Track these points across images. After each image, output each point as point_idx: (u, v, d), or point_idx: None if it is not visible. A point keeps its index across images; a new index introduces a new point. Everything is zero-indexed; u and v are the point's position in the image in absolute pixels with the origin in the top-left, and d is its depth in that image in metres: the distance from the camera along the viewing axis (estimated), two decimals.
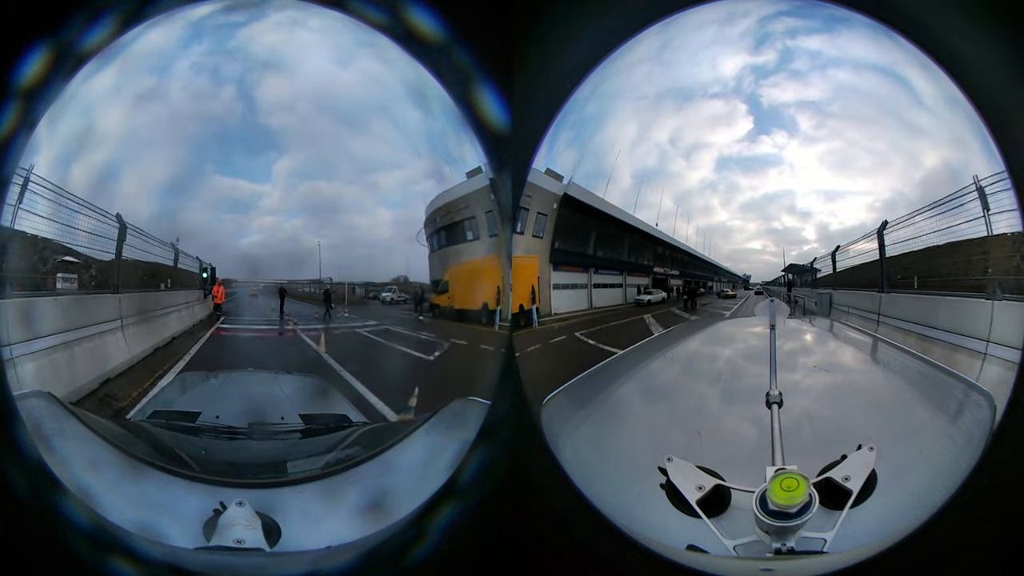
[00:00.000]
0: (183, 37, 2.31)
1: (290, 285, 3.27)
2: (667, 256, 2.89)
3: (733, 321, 3.57)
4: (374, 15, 2.08)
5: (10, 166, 2.02)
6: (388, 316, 3.20)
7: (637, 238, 2.76)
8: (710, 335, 3.44)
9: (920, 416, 2.31)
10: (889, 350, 2.96)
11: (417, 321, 3.08)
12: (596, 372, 2.76)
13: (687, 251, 2.85)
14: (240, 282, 3.24)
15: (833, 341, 3.26)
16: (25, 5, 1.82)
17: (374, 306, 3.27)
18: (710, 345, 3.31)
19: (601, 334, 3.05)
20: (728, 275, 2.97)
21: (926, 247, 2.52)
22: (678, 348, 3.27)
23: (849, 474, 1.77)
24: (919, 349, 2.75)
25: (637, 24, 2.26)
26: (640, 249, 2.86)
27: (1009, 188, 2.11)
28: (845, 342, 3.20)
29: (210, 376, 3.00)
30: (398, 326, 3.13)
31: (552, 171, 2.54)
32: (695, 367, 2.99)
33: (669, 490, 1.86)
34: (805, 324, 3.32)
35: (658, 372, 2.96)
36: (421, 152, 2.45)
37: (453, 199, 2.48)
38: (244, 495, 1.98)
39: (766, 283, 3.02)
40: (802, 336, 3.13)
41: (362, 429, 2.51)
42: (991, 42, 1.89)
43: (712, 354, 3.13)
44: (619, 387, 2.77)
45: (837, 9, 2.28)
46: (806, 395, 2.35)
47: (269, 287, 3.28)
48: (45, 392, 2.30)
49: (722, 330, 3.50)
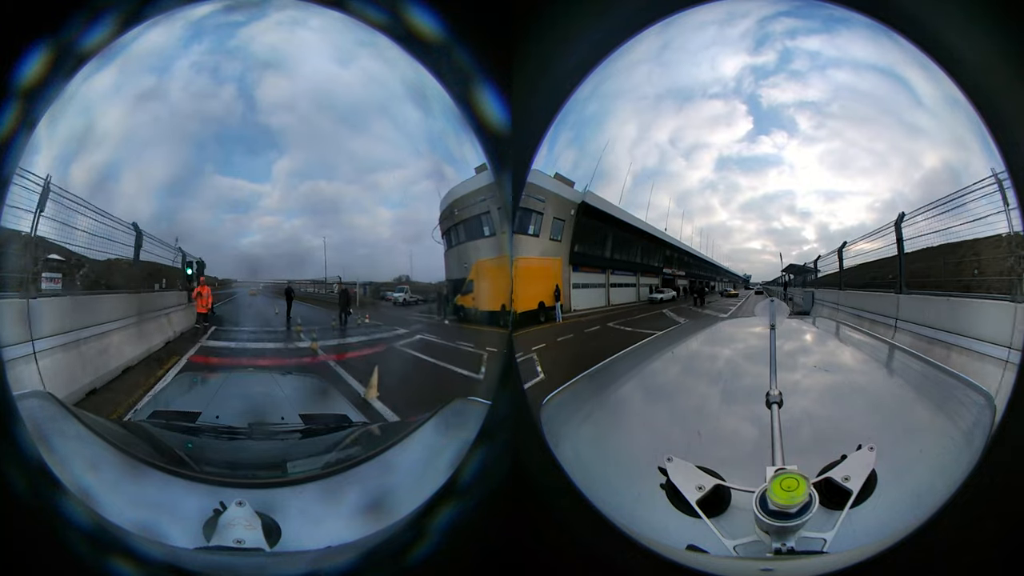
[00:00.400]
0: (183, 37, 2.32)
1: (292, 285, 2.97)
2: (675, 258, 2.95)
3: (732, 321, 3.57)
4: (374, 15, 2.08)
5: (10, 166, 2.02)
6: (410, 321, 2.81)
7: (649, 242, 2.81)
8: (710, 335, 3.45)
9: (920, 416, 2.31)
10: (889, 350, 2.96)
11: (445, 325, 2.75)
12: (595, 372, 2.76)
13: (693, 253, 2.90)
14: (240, 282, 2.83)
15: (833, 340, 3.26)
16: (25, 5, 1.82)
17: (385, 308, 2.90)
18: (710, 345, 3.31)
19: (632, 323, 3.07)
20: (729, 275, 3.01)
21: (927, 247, 2.52)
22: (678, 348, 3.27)
23: (849, 474, 1.77)
24: (920, 349, 2.75)
25: (637, 24, 2.26)
26: (651, 252, 2.91)
27: (1009, 187, 2.12)
28: (845, 342, 3.20)
29: (209, 376, 2.84)
30: (429, 333, 2.74)
31: (562, 176, 2.56)
32: (695, 367, 2.99)
33: (669, 490, 1.86)
34: (805, 324, 3.32)
35: (658, 372, 2.96)
36: (421, 152, 2.45)
37: (470, 191, 2.41)
38: (244, 495, 1.98)
39: (766, 283, 3.06)
40: (802, 336, 3.14)
41: (362, 429, 2.51)
42: (991, 41, 1.89)
43: (712, 354, 3.13)
44: (619, 387, 2.77)
45: (836, 9, 2.28)
46: (806, 395, 2.36)
47: (271, 287, 2.91)
48: (45, 392, 2.30)
49: (722, 330, 3.50)
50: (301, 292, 2.95)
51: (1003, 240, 2.21)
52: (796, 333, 3.09)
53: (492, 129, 2.06)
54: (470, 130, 2.12)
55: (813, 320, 3.07)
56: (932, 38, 2.01)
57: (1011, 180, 2.09)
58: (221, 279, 2.83)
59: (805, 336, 3.14)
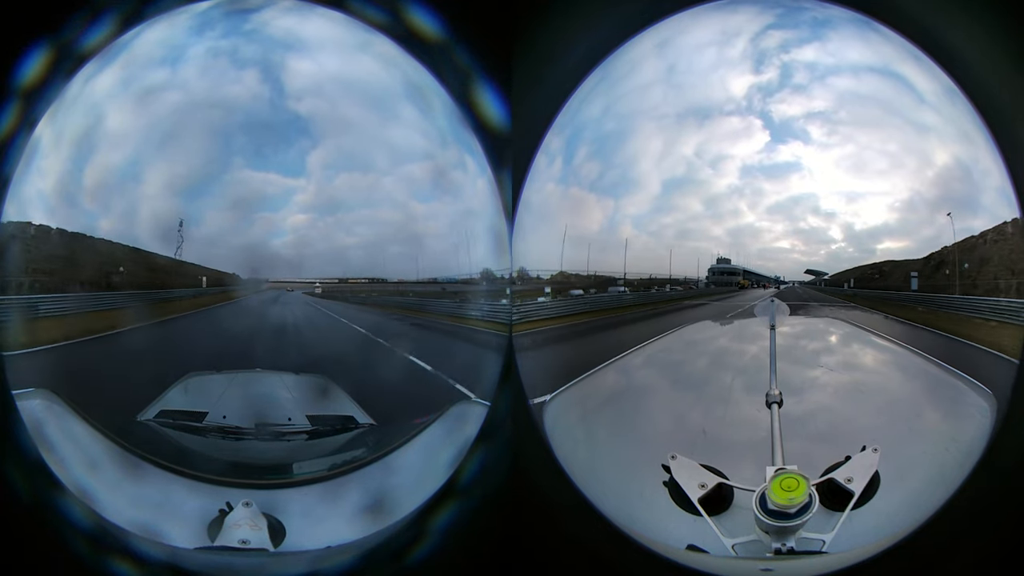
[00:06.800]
0: (183, 36, 2.31)
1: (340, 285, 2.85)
2: (742, 272, 3.40)
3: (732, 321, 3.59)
4: (374, 15, 2.08)
5: (10, 166, 2.02)
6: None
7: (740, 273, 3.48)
8: (710, 335, 3.46)
9: (920, 416, 2.31)
10: (889, 349, 2.96)
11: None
12: (596, 373, 2.76)
13: (752, 271, 3.45)
14: (277, 282, 2.64)
15: (833, 340, 3.26)
16: (25, 5, 1.82)
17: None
18: (709, 345, 3.31)
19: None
20: (767, 279, 3.53)
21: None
22: (678, 347, 3.27)
23: (852, 475, 1.77)
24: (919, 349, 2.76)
25: (636, 25, 2.27)
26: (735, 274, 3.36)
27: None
28: (844, 342, 3.21)
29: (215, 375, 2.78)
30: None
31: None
32: (694, 367, 2.99)
33: (671, 487, 1.86)
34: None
35: (658, 372, 2.96)
36: (421, 151, 2.45)
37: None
38: (245, 495, 1.98)
39: (796, 282, 3.39)
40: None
41: (366, 431, 2.50)
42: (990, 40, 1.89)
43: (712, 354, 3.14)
44: (619, 387, 2.77)
45: (817, 11, 2.37)
46: (810, 394, 2.36)
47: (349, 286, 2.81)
48: (45, 392, 2.30)
49: (722, 329, 3.51)
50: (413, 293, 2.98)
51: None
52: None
53: (492, 129, 2.06)
54: (470, 130, 2.12)
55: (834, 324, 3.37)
56: (921, 29, 2.04)
57: (1011, 180, 2.09)
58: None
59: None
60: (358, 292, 2.98)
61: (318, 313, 2.94)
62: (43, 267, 2.42)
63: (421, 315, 3.04)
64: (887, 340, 2.95)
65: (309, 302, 2.92)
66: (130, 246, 2.41)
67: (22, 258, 2.32)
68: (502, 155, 2.12)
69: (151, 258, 2.50)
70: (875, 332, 3.05)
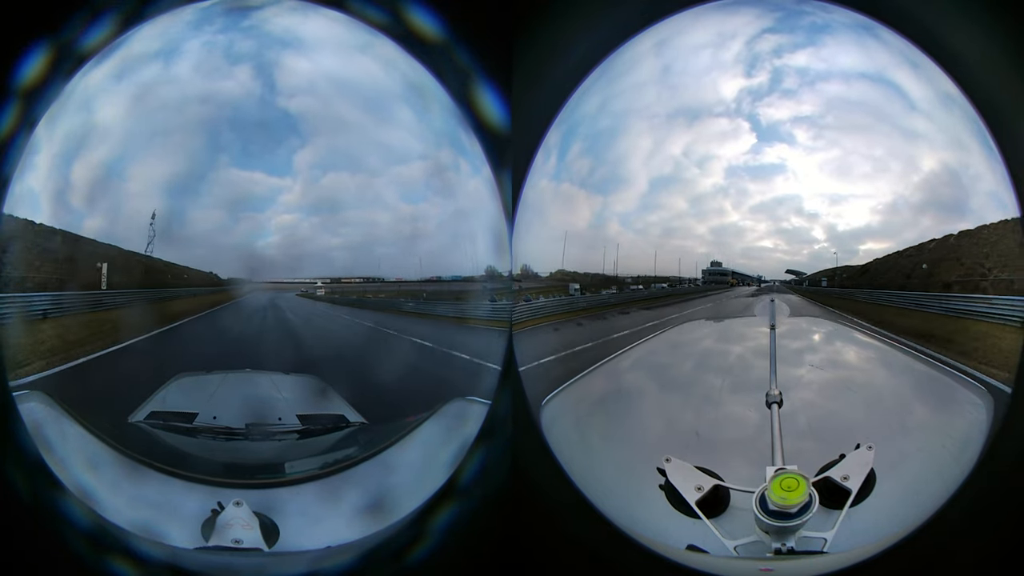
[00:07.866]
0: (183, 36, 2.31)
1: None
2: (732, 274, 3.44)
3: (733, 321, 3.60)
4: (374, 15, 2.08)
5: (10, 166, 2.02)
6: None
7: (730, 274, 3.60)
8: (709, 334, 3.46)
9: (920, 415, 2.31)
10: (888, 348, 2.97)
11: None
12: (595, 372, 2.76)
13: (739, 272, 3.52)
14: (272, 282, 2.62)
15: (833, 339, 3.26)
16: (25, 5, 1.82)
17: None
18: (709, 344, 3.32)
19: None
20: (750, 278, 3.62)
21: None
22: (678, 348, 3.27)
23: (848, 473, 1.77)
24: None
25: (635, 26, 2.27)
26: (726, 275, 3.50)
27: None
28: (844, 341, 3.21)
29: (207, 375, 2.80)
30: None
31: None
32: (695, 367, 2.99)
33: (668, 491, 1.86)
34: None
35: (657, 371, 2.96)
36: (421, 151, 2.45)
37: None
38: (243, 495, 1.98)
39: (777, 281, 3.46)
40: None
41: (359, 429, 2.50)
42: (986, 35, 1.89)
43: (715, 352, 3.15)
44: (619, 387, 2.77)
45: (818, 16, 2.42)
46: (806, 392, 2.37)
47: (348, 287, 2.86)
48: (45, 392, 2.30)
49: (721, 329, 3.52)
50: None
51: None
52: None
53: (492, 129, 2.06)
54: (470, 130, 2.12)
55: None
56: (925, 32, 2.04)
57: (1011, 180, 2.09)
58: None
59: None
60: (378, 293, 3.00)
61: (318, 313, 2.96)
62: (42, 266, 2.42)
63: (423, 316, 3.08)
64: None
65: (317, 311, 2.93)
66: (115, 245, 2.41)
67: (22, 258, 2.32)
68: (502, 155, 2.12)
69: (134, 257, 2.48)
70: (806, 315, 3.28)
